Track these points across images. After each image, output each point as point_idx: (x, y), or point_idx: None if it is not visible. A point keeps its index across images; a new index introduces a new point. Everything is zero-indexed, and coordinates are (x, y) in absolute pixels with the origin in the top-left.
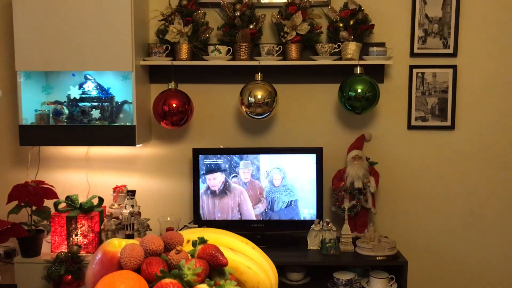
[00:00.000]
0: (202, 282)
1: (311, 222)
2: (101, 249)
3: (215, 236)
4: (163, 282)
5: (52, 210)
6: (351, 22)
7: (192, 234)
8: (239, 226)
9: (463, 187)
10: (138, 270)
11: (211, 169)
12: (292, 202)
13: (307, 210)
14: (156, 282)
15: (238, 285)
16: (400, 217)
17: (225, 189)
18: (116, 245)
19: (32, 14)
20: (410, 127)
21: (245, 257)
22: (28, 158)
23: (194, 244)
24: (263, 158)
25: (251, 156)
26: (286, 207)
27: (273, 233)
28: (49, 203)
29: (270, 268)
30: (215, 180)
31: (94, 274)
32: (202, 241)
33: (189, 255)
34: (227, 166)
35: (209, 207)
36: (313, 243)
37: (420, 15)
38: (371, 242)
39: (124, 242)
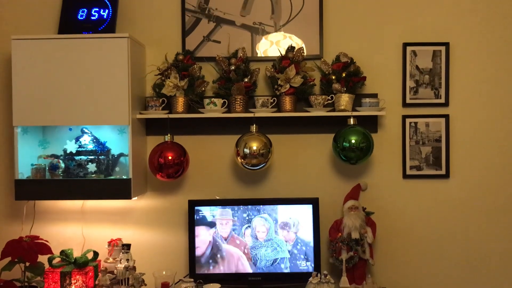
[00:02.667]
0: None
1: (308, 274)
2: None
3: None
4: None
5: (46, 266)
6: (344, 75)
7: None
8: (236, 279)
9: (460, 235)
10: None
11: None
12: (278, 260)
13: (304, 262)
14: None
15: None
16: (399, 267)
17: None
18: None
19: (31, 70)
20: (405, 176)
21: None
22: (23, 212)
23: None
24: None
25: (257, 208)
26: (272, 264)
27: (270, 286)
28: (43, 258)
29: None
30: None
31: None
32: None
33: None
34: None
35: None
36: None
37: (411, 66)
38: None
39: None
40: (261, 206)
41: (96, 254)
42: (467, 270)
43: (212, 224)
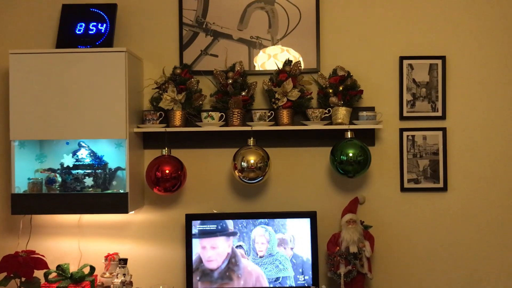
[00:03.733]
0: None
1: None
2: None
3: None
4: None
5: (42, 281)
6: (341, 88)
7: None
8: None
9: (459, 249)
10: None
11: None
12: (281, 278)
13: (302, 276)
14: None
15: None
16: (397, 281)
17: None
18: None
19: (28, 84)
20: (403, 189)
21: None
22: (19, 227)
23: None
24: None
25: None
26: (274, 280)
27: None
28: (39, 273)
29: None
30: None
31: None
32: None
33: None
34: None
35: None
36: None
37: (407, 79)
38: None
39: None
40: (259, 220)
41: (92, 268)
42: (466, 283)
43: (233, 234)
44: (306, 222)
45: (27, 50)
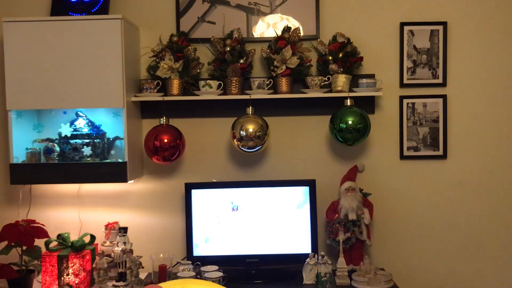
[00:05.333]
0: None
1: (306, 255)
2: None
3: None
4: None
5: (43, 249)
6: (340, 55)
7: (173, 286)
8: (233, 261)
9: (458, 216)
10: None
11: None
12: (278, 243)
13: (302, 243)
14: None
15: None
16: (396, 248)
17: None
18: None
19: (23, 53)
20: (402, 157)
21: None
22: (19, 197)
23: None
24: (255, 191)
25: (245, 190)
26: (279, 242)
27: (267, 268)
28: (40, 242)
29: None
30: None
31: None
32: None
33: None
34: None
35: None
36: (308, 277)
37: (408, 46)
38: (367, 275)
39: None
40: (259, 188)
41: (93, 237)
42: (464, 250)
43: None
44: (305, 190)
45: (21, 18)
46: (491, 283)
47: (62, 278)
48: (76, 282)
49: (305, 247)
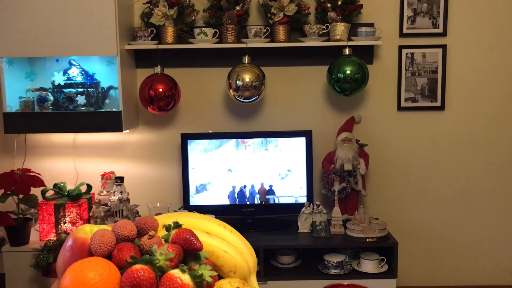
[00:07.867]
0: (175, 267)
1: (301, 205)
2: (71, 235)
3: (191, 221)
4: (134, 268)
5: (40, 198)
6: (339, 2)
7: (167, 218)
8: (230, 211)
9: (453, 168)
10: (110, 257)
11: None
12: (272, 190)
13: (297, 193)
14: (126, 269)
15: (214, 269)
16: (390, 198)
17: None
18: (87, 231)
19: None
20: (400, 108)
21: (222, 241)
22: (14, 146)
23: (168, 228)
24: (252, 141)
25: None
26: (266, 195)
27: (263, 217)
28: (36, 191)
29: (248, 251)
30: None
31: (64, 262)
32: (177, 225)
33: (162, 240)
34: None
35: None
36: (303, 226)
37: None
38: (361, 224)
39: (96, 228)
40: (255, 139)
41: (89, 187)
42: (461, 200)
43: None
44: (301, 141)
45: None
46: (482, 234)
47: (59, 226)
48: (73, 230)
49: (300, 197)
